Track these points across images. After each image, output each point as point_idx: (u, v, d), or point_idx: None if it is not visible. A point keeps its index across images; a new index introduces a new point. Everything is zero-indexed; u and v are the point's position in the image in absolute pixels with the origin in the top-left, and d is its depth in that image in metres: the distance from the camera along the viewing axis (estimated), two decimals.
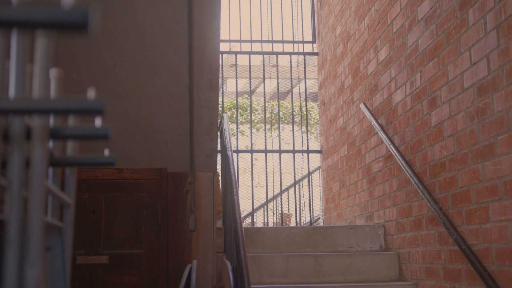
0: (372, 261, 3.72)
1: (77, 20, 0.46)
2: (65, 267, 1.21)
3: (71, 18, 0.46)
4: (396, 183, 3.78)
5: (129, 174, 3.44)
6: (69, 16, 0.45)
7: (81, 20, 0.46)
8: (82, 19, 0.46)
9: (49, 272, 1.21)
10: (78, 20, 0.46)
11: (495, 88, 2.56)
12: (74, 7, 0.46)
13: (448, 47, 3.02)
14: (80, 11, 0.46)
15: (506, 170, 2.46)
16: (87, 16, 0.46)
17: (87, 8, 0.46)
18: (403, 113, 3.64)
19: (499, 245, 2.54)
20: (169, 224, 3.49)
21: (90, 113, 0.76)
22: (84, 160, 1.18)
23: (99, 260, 3.39)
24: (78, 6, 0.46)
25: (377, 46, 4.15)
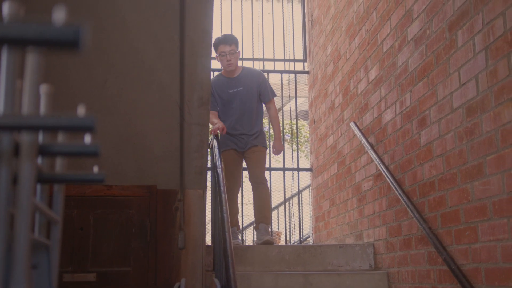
0: (361, 281, 3.70)
1: (68, 38, 0.46)
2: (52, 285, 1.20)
3: (62, 36, 0.46)
4: (386, 202, 3.78)
5: (118, 191, 3.42)
6: (60, 33, 0.45)
7: (72, 38, 0.46)
8: (73, 37, 0.46)
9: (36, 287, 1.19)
10: (69, 37, 0.46)
11: (483, 109, 2.58)
12: (65, 25, 0.46)
13: (438, 68, 3.05)
14: (71, 29, 0.46)
15: (495, 190, 2.48)
16: (78, 34, 0.46)
17: (78, 25, 0.46)
18: (393, 132, 3.66)
19: (488, 265, 2.54)
20: (158, 242, 3.46)
21: (80, 130, 0.76)
22: (73, 177, 1.17)
23: (87, 278, 3.35)
24: (69, 24, 0.46)
25: (368, 65, 4.18)
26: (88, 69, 3.02)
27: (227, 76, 4.59)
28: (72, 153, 0.89)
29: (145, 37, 2.95)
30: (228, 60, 4.42)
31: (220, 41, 4.45)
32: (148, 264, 3.42)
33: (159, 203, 3.48)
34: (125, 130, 3.24)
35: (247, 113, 4.49)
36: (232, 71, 4.53)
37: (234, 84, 4.52)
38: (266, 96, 4.59)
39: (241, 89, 4.49)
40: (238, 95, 4.49)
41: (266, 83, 4.62)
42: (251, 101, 4.50)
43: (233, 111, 4.50)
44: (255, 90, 4.53)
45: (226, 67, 4.49)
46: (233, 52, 4.43)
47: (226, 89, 4.53)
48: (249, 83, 4.52)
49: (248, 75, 4.58)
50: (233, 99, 4.50)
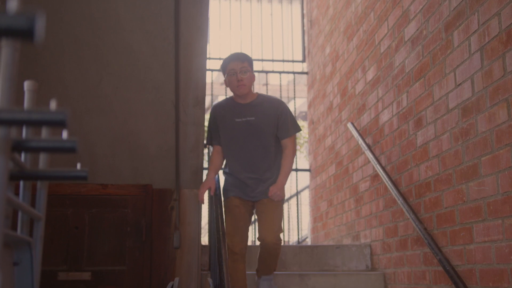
0: (357, 281, 3.69)
1: (22, 26, 0.45)
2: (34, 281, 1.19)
3: (17, 24, 0.45)
4: (383, 203, 3.77)
5: (114, 190, 3.42)
6: (14, 22, 0.45)
7: (27, 26, 0.45)
8: (27, 25, 0.45)
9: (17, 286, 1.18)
10: (23, 26, 0.45)
11: (479, 109, 2.57)
12: (19, 13, 0.45)
13: (434, 68, 3.04)
14: (26, 17, 0.45)
15: (490, 191, 2.46)
16: (33, 22, 0.45)
17: (33, 14, 0.45)
18: (390, 133, 3.65)
19: (482, 266, 2.53)
20: (153, 241, 3.45)
21: (52, 124, 0.75)
22: (56, 173, 1.17)
23: (82, 277, 3.34)
24: (23, 12, 0.45)
25: (365, 66, 4.18)
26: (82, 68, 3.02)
27: (236, 101, 3.36)
28: (49, 148, 0.89)
29: (140, 36, 2.95)
30: (239, 79, 3.23)
31: (230, 58, 3.30)
32: (143, 263, 3.42)
33: (154, 202, 3.47)
34: (120, 129, 3.24)
35: (259, 151, 3.29)
36: (244, 96, 3.32)
37: (245, 111, 3.31)
38: (285, 130, 3.32)
39: (253, 119, 3.30)
40: (247, 126, 3.30)
41: (287, 114, 3.37)
42: (265, 135, 3.30)
43: (239, 148, 3.32)
44: (272, 123, 3.31)
45: (237, 90, 3.26)
46: (245, 71, 3.25)
47: (232, 116, 3.32)
48: (264, 113, 3.32)
49: (265, 102, 3.37)
50: (240, 132, 3.30)
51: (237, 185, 3.30)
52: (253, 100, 3.35)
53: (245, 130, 3.30)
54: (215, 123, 3.34)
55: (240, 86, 3.24)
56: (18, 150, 0.85)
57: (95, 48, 2.96)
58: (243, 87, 3.25)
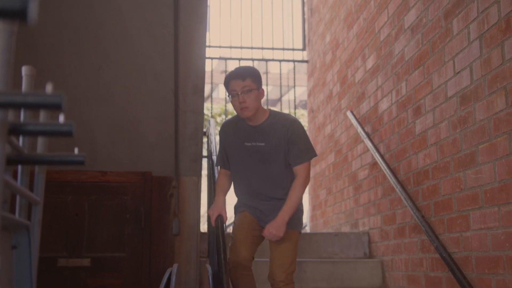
0: (355, 269, 3.72)
1: (15, 7, 0.46)
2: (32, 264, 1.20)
3: (9, 5, 0.46)
4: (381, 191, 3.79)
5: (113, 177, 3.43)
6: (6, 2, 0.45)
7: (20, 7, 0.46)
8: (21, 6, 0.46)
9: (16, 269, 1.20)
10: (16, 7, 0.46)
11: (477, 98, 2.58)
12: None
13: (433, 56, 3.04)
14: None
15: (487, 179, 2.48)
16: (27, 3, 0.46)
17: None
18: (389, 121, 3.66)
19: (478, 253, 2.55)
20: (152, 228, 3.47)
21: (48, 107, 0.76)
22: (53, 158, 1.18)
23: (81, 263, 3.37)
24: None
25: (365, 54, 4.17)
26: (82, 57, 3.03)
27: (247, 122, 2.87)
28: (46, 132, 0.90)
29: (139, 24, 2.95)
30: (241, 101, 2.74)
31: (230, 76, 2.82)
32: (143, 250, 3.44)
33: (154, 189, 3.49)
34: (120, 117, 3.24)
35: (270, 182, 2.85)
36: (253, 117, 2.82)
37: (255, 135, 2.84)
38: (296, 156, 2.80)
39: (263, 145, 2.82)
40: (257, 153, 2.84)
41: (299, 137, 2.82)
42: (276, 164, 2.82)
43: (248, 177, 2.88)
44: (284, 148, 2.81)
45: (240, 113, 2.79)
46: (247, 90, 2.74)
47: (241, 139, 2.86)
48: (275, 137, 2.81)
49: (276, 124, 2.83)
50: (249, 158, 2.85)
51: (249, 206, 2.87)
52: (263, 122, 2.84)
53: (254, 157, 2.83)
54: (223, 145, 2.94)
55: (243, 110, 2.74)
56: (15, 134, 0.86)
57: (94, 36, 2.96)
58: (247, 110, 2.74)
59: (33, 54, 2.92)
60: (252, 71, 2.84)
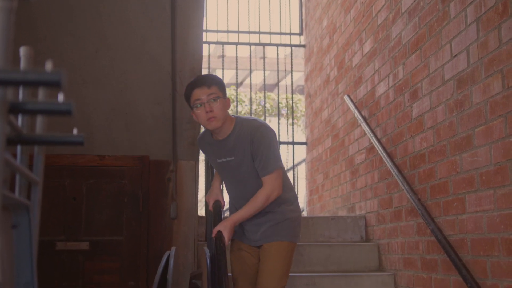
0: (352, 252, 3.75)
1: None
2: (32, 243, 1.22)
3: None
4: (378, 175, 3.81)
5: (111, 161, 3.44)
6: None
7: None
8: None
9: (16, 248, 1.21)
10: None
11: (473, 81, 2.59)
12: None
13: (430, 40, 3.04)
14: None
15: (482, 162, 2.49)
16: None
17: None
18: (386, 105, 3.67)
19: (474, 236, 2.57)
20: (150, 212, 3.49)
21: (47, 85, 0.77)
22: (52, 138, 1.18)
23: (80, 247, 3.39)
24: None
25: (362, 38, 4.17)
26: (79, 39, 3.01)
27: (214, 137, 2.69)
28: (45, 110, 0.90)
29: (136, 7, 2.94)
30: (208, 111, 2.51)
31: (193, 84, 2.59)
32: (141, 234, 3.46)
33: (151, 173, 3.50)
34: (117, 100, 3.24)
35: (249, 193, 2.65)
36: (220, 130, 2.60)
37: (223, 150, 2.66)
38: (261, 167, 2.59)
39: (232, 159, 2.65)
40: (229, 168, 2.69)
41: (262, 145, 2.57)
42: (250, 177, 2.65)
43: (231, 189, 2.82)
44: (250, 159, 2.61)
45: (206, 124, 2.56)
46: (214, 98, 2.52)
47: (214, 156, 2.75)
48: (240, 149, 2.62)
49: (242, 134, 2.62)
50: (225, 173, 2.75)
51: (237, 229, 2.69)
52: (230, 134, 2.62)
53: (229, 172, 2.69)
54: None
55: (210, 120, 2.51)
56: (14, 112, 0.87)
57: (91, 19, 2.95)
58: (214, 120, 2.51)
59: (29, 38, 2.91)
60: (217, 78, 2.63)
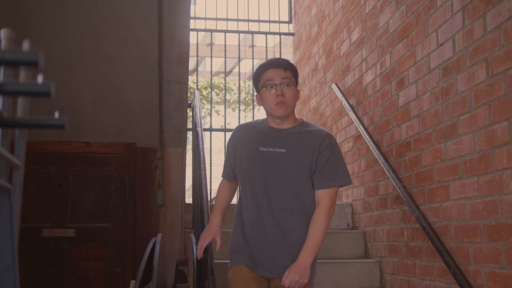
0: (338, 239, 3.77)
1: None
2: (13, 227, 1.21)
3: None
4: (365, 163, 3.83)
5: (97, 148, 3.43)
6: None
7: None
8: None
9: None
10: None
11: (459, 69, 2.60)
12: None
13: (417, 28, 3.05)
14: None
15: (466, 150, 2.51)
16: None
17: None
18: (373, 94, 3.68)
19: (457, 223, 2.60)
20: (137, 199, 3.49)
21: (24, 64, 0.76)
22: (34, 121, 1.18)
23: (66, 234, 3.38)
24: None
25: (350, 26, 4.17)
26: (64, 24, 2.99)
27: (268, 124, 2.35)
28: (24, 92, 0.90)
29: None
30: (279, 94, 2.23)
31: (268, 64, 2.32)
32: (127, 221, 3.46)
33: (138, 160, 3.49)
34: (103, 86, 3.22)
35: (287, 199, 2.25)
36: (283, 119, 2.28)
37: (274, 139, 2.28)
38: (324, 177, 2.23)
39: (283, 151, 2.26)
40: (273, 160, 2.26)
41: (333, 154, 2.25)
42: (297, 177, 2.24)
43: (258, 189, 2.28)
44: (311, 161, 2.24)
45: (275, 109, 2.25)
46: (289, 83, 2.26)
47: (256, 143, 2.31)
48: (302, 145, 2.26)
49: (308, 132, 2.29)
50: (261, 165, 2.27)
51: (247, 248, 2.29)
52: (292, 127, 2.30)
53: (269, 165, 2.25)
54: (233, 150, 2.39)
55: (279, 105, 2.22)
56: None
57: (77, 3, 2.92)
58: (283, 107, 2.23)
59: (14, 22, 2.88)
60: (293, 65, 2.35)
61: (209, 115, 6.75)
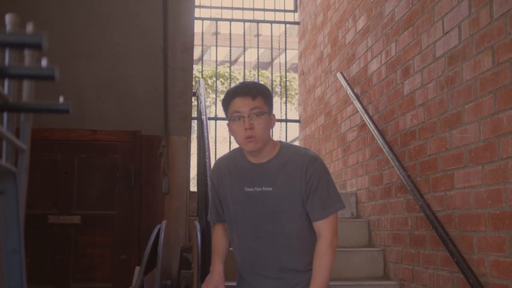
0: (342, 228, 3.78)
1: None
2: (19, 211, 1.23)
3: None
4: (369, 152, 3.83)
5: (103, 136, 3.44)
6: None
7: None
8: None
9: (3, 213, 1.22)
10: None
11: (465, 57, 2.59)
12: None
13: (423, 16, 3.04)
14: None
15: (471, 138, 2.51)
16: None
17: None
18: (378, 83, 3.67)
19: (461, 211, 2.60)
20: (142, 187, 3.50)
21: (28, 47, 0.77)
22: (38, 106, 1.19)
23: (71, 220, 3.41)
24: None
25: (356, 15, 4.15)
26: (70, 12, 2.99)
27: (247, 158, 2.08)
28: (28, 75, 0.90)
29: None
30: (247, 128, 1.97)
31: (234, 92, 2.04)
32: (132, 208, 3.48)
33: (143, 148, 3.50)
34: (108, 74, 3.23)
35: (281, 247, 2.04)
36: (257, 152, 2.02)
37: (258, 176, 2.04)
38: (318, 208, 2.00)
39: (270, 190, 2.03)
40: (262, 201, 2.04)
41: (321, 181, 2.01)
42: (289, 217, 2.03)
43: (248, 233, 2.08)
44: (298, 196, 2.02)
45: (245, 144, 2.00)
46: (258, 113, 1.98)
47: (240, 183, 2.07)
48: (289, 178, 2.02)
49: (290, 162, 2.04)
50: (250, 208, 2.05)
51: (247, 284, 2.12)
52: (272, 159, 2.04)
53: (258, 207, 2.03)
54: (217, 190, 2.14)
55: (248, 139, 1.96)
56: None
57: None
58: (253, 141, 1.97)
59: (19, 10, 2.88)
60: (265, 89, 2.06)
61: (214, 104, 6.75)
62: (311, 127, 5.36)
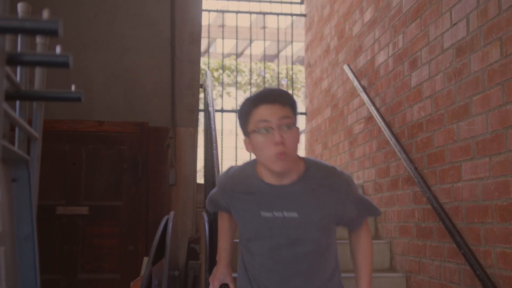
0: None
1: None
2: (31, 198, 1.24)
3: None
4: (376, 144, 3.82)
5: (110, 127, 3.45)
6: None
7: None
8: None
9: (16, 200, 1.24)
10: None
11: (472, 49, 2.58)
12: None
13: (431, 8, 3.03)
14: None
15: (479, 130, 2.51)
16: None
17: None
18: (385, 75, 3.66)
19: (468, 203, 2.60)
20: (149, 178, 3.52)
21: (45, 33, 0.78)
22: (51, 94, 1.20)
23: (79, 211, 3.43)
24: None
25: (363, 7, 4.14)
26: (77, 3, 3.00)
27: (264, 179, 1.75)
28: (43, 62, 0.91)
29: None
30: (278, 142, 1.63)
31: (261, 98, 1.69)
32: (140, 200, 3.50)
33: (150, 140, 3.52)
34: (116, 66, 3.24)
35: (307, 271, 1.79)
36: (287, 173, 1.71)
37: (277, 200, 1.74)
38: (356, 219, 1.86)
39: (295, 216, 1.73)
40: (284, 229, 1.75)
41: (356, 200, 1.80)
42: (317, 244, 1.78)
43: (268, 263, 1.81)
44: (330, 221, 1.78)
45: (273, 161, 1.65)
46: (289, 125, 1.66)
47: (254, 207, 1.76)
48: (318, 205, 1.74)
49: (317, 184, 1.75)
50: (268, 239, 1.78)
51: None
52: (296, 180, 1.73)
53: (279, 234, 1.74)
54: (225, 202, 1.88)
55: (280, 156, 1.62)
56: (13, 63, 0.88)
57: None
58: (287, 159, 1.64)
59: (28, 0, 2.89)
60: (291, 97, 1.73)
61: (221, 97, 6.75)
62: (318, 119, 5.36)
